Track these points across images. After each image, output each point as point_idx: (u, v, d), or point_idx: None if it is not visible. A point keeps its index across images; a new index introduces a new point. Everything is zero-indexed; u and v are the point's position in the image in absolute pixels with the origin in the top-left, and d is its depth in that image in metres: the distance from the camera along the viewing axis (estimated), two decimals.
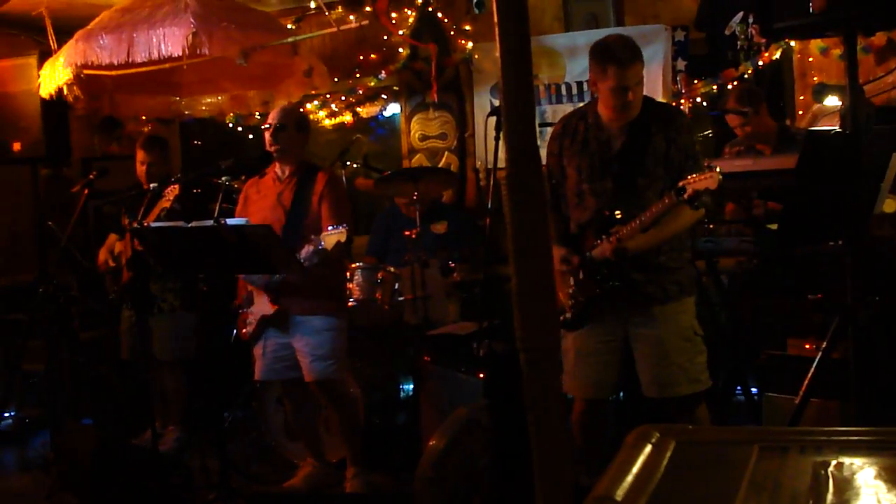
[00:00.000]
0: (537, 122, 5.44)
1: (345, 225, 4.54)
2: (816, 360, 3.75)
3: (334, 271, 5.04)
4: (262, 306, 4.94)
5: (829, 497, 1.53)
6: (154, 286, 5.93)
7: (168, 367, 6.03)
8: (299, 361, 4.92)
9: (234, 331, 5.14)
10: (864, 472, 1.63)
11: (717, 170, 3.69)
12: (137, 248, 5.03)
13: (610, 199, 4.00)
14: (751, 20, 6.08)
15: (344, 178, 6.72)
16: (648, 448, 1.77)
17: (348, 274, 5.52)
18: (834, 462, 1.67)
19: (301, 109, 7.65)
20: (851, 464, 1.66)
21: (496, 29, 1.67)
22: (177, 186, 5.36)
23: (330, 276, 4.96)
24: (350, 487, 4.98)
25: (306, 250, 4.59)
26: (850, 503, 1.51)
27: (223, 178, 5.09)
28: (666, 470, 1.69)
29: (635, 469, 1.67)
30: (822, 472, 1.63)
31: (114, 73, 5.99)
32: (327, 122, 7.80)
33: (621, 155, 4.01)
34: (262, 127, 5.04)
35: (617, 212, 3.94)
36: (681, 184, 3.70)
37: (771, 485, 1.60)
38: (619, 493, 1.56)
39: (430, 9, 7.41)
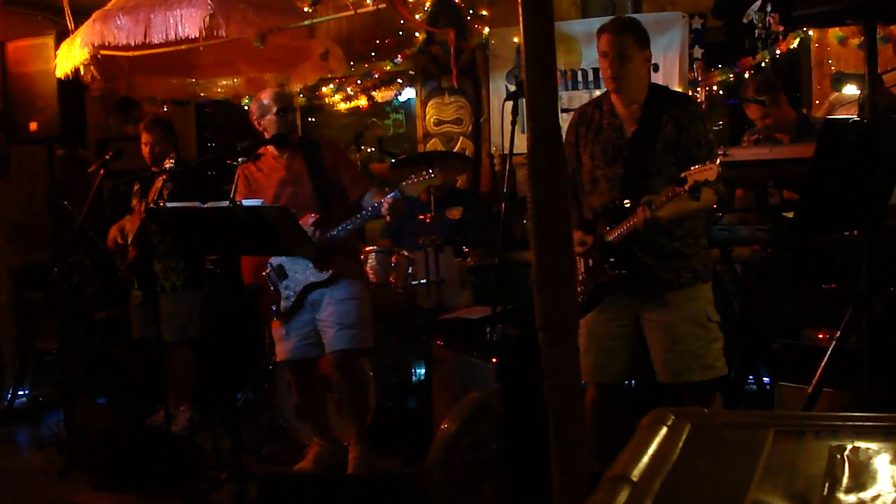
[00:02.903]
0: None
1: (433, 171, 4.71)
2: (830, 349, 3.74)
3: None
4: (306, 274, 4.88)
5: (845, 481, 1.53)
6: (157, 266, 5.93)
7: (174, 347, 6.04)
8: (323, 334, 4.90)
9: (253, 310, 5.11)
10: (880, 456, 1.63)
11: (718, 162, 3.71)
12: (139, 227, 5.03)
13: (621, 185, 4.01)
14: (769, 8, 6.04)
15: (359, 162, 6.73)
16: (664, 430, 1.77)
17: (362, 257, 5.52)
18: (850, 446, 1.66)
19: (317, 93, 7.69)
20: (867, 448, 1.66)
21: (521, 15, 1.67)
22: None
23: (348, 240, 4.94)
24: (352, 468, 4.93)
25: (386, 203, 4.67)
26: (866, 487, 1.51)
27: (240, 160, 5.11)
28: (681, 452, 1.69)
29: (651, 450, 1.67)
30: (838, 456, 1.63)
31: (130, 53, 5.98)
32: (343, 106, 7.81)
33: (632, 141, 4.03)
34: (265, 116, 4.96)
35: (626, 201, 3.94)
36: (683, 174, 3.70)
37: (786, 468, 1.60)
38: (635, 474, 1.56)
39: None
